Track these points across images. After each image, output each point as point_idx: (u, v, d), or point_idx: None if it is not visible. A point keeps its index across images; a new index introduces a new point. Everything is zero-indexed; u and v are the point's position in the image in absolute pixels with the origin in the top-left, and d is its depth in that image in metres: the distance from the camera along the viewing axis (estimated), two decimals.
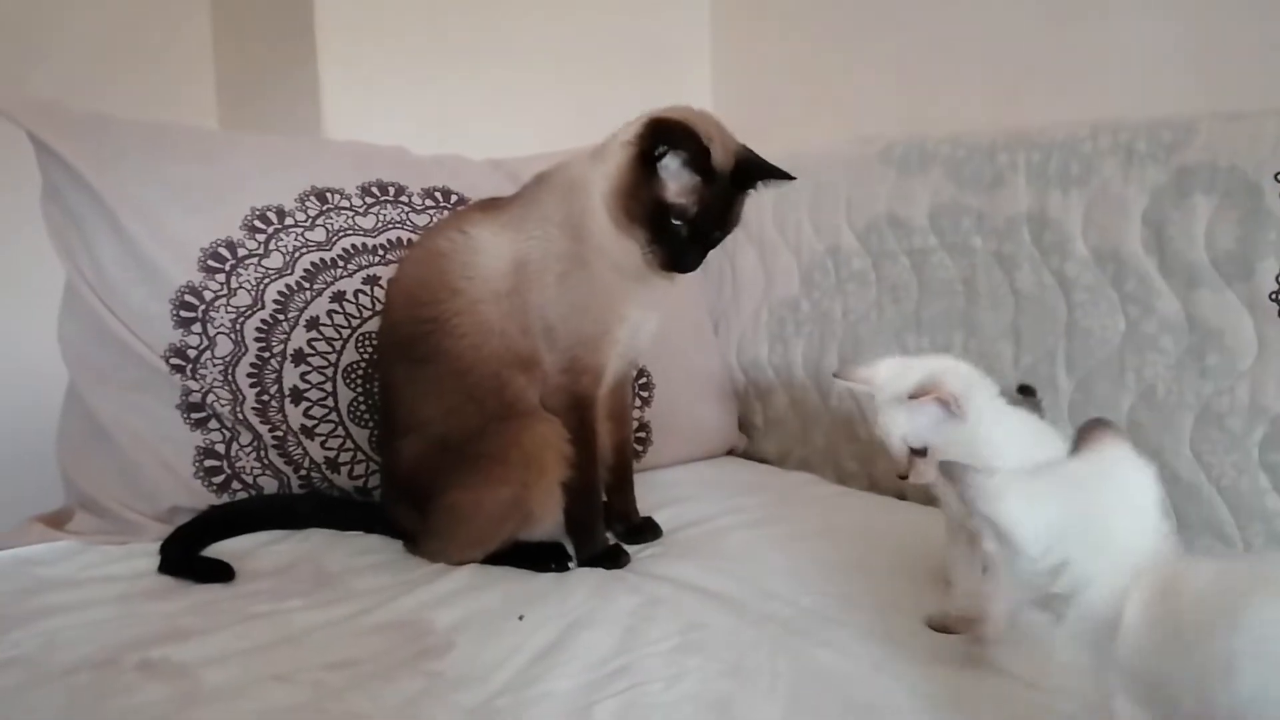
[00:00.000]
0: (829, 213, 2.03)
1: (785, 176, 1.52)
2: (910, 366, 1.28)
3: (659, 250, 1.49)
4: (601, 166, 1.52)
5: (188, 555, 1.54)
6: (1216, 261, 1.49)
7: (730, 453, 2.21)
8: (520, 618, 1.34)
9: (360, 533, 1.69)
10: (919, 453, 1.24)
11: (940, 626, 1.27)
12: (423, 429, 1.55)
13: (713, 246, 1.53)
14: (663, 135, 1.45)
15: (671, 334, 1.82)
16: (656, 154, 1.45)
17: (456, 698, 1.15)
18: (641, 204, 1.47)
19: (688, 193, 1.46)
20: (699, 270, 1.57)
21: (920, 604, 1.32)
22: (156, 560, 1.53)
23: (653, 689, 1.15)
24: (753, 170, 1.51)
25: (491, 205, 1.63)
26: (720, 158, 1.46)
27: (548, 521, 1.55)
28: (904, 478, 1.26)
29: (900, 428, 1.24)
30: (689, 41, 2.70)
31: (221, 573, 1.49)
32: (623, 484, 1.72)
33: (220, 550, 1.59)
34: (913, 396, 1.22)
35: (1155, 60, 1.80)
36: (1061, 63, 1.94)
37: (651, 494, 1.79)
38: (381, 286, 1.83)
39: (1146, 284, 1.56)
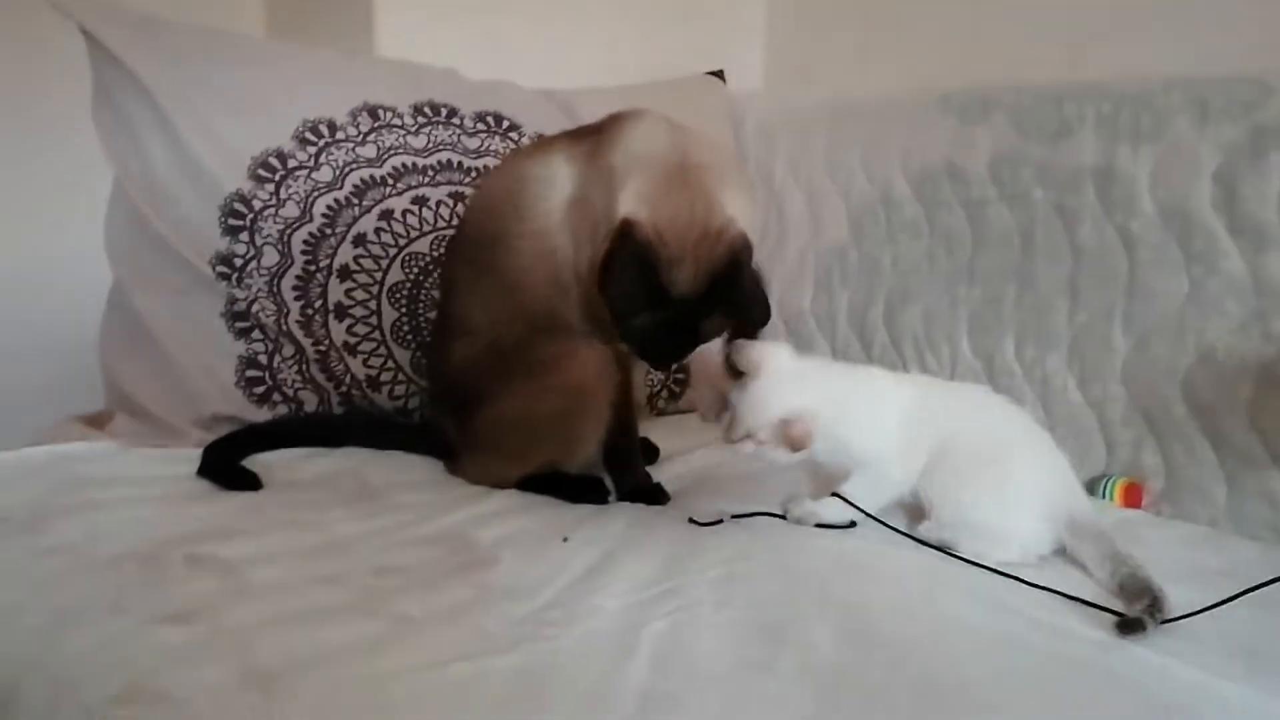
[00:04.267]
0: (883, 159, 2.00)
1: (758, 323, 1.41)
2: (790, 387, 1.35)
3: (634, 349, 1.42)
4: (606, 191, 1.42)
5: (226, 461, 1.52)
6: None
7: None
8: (565, 539, 1.33)
9: (400, 452, 1.68)
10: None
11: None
12: (476, 334, 1.53)
13: (694, 343, 1.41)
14: (615, 275, 1.34)
15: None
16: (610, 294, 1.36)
17: (505, 608, 1.13)
18: (601, 302, 1.38)
19: (648, 314, 1.37)
20: None
21: None
22: (196, 465, 1.52)
23: (702, 611, 1.13)
24: (727, 307, 1.38)
25: (575, 136, 1.55)
26: (684, 282, 1.35)
27: (589, 448, 1.52)
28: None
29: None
30: None
31: (251, 482, 1.48)
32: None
33: (260, 461, 1.57)
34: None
35: (1231, 15, 1.76)
36: (1131, 14, 1.90)
37: (686, 437, 1.77)
38: (429, 208, 1.83)
39: (1213, 243, 1.54)
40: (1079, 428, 1.68)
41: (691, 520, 1.39)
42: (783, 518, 1.39)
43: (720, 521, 1.39)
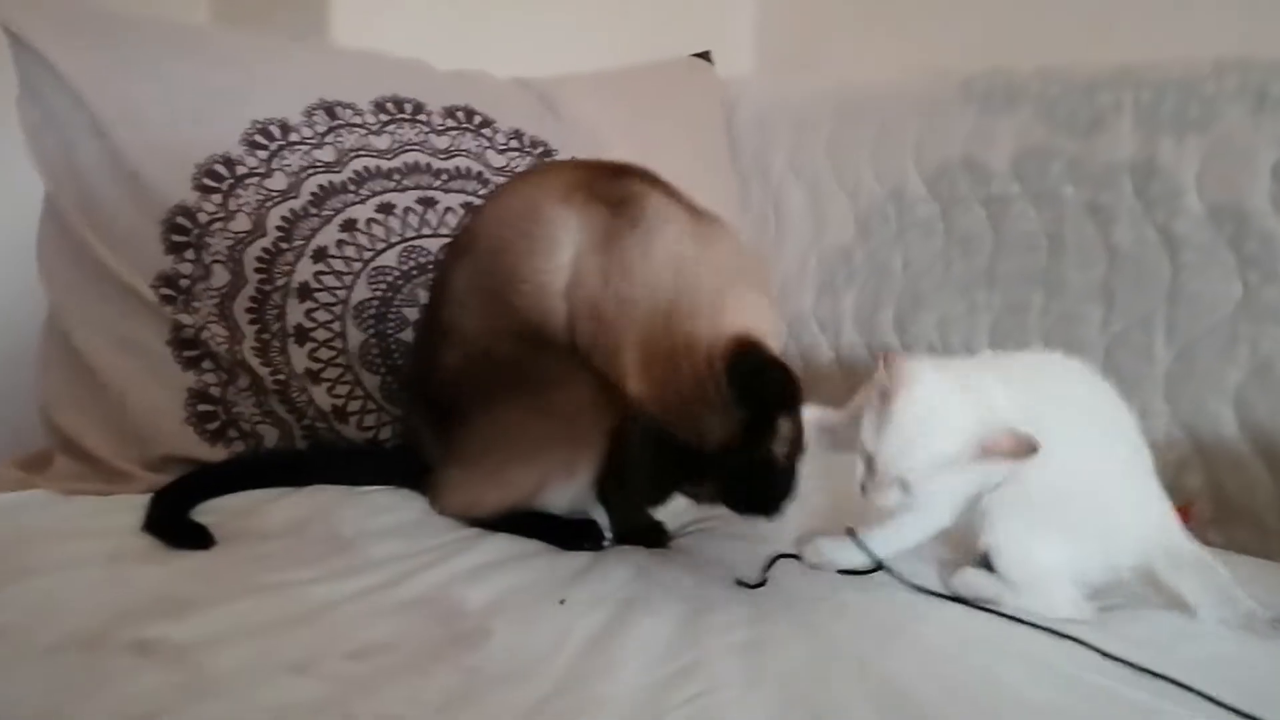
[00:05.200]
0: (893, 153, 1.86)
1: (791, 397, 1.23)
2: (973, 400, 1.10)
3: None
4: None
5: (174, 514, 1.36)
6: None
7: None
8: (561, 601, 1.18)
9: (372, 488, 1.52)
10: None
11: None
12: (468, 342, 1.38)
13: (790, 472, 1.26)
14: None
15: None
16: None
17: (502, 697, 0.98)
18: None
19: (700, 483, 1.29)
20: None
21: None
22: (143, 515, 1.35)
23: (730, 694, 1.00)
24: (767, 412, 1.21)
25: (592, 186, 1.37)
26: (712, 430, 1.22)
27: (584, 476, 1.37)
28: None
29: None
30: None
31: (200, 539, 1.31)
32: None
33: (217, 507, 1.41)
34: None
35: None
36: None
37: None
38: (397, 215, 1.68)
39: (1271, 246, 1.41)
40: None
41: (739, 583, 1.26)
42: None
43: (765, 583, 1.25)
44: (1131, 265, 1.55)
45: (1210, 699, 0.98)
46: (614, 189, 1.36)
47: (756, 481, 1.23)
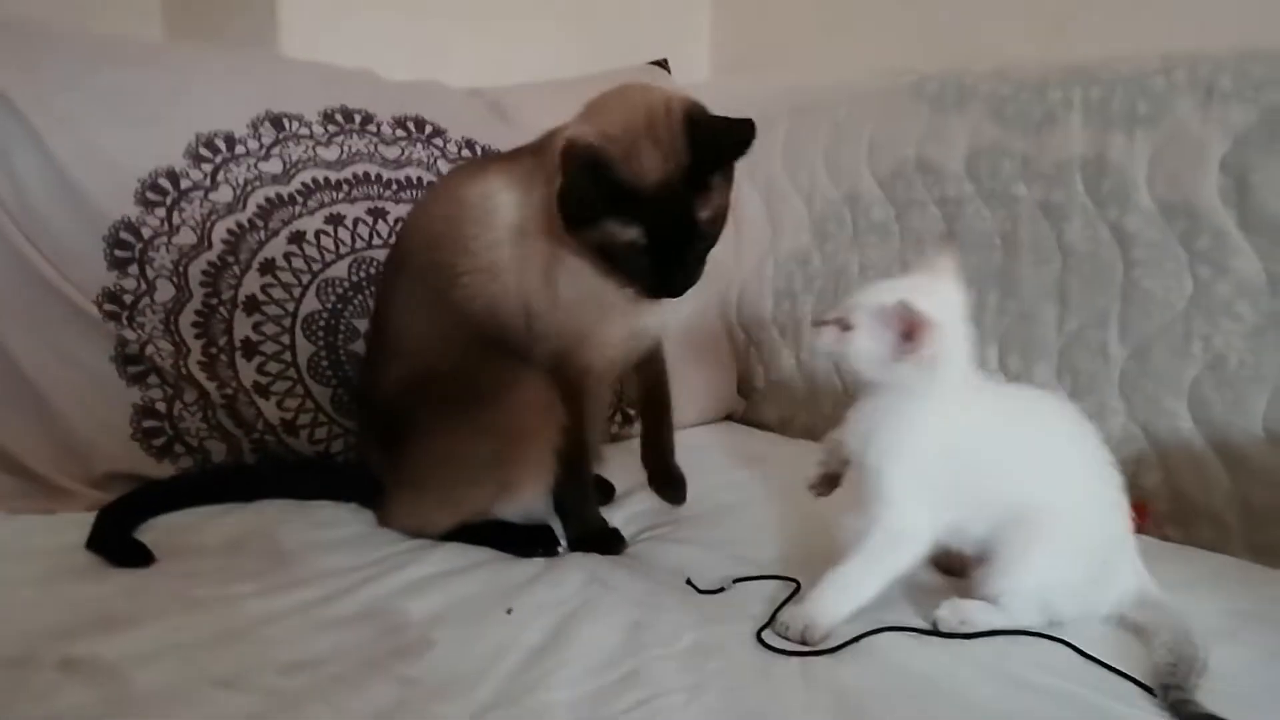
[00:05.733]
0: (848, 156, 1.84)
1: (745, 140, 1.26)
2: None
3: (636, 286, 1.28)
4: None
5: (118, 531, 1.34)
6: None
7: (728, 418, 2.03)
8: (509, 611, 1.16)
9: (322, 502, 1.50)
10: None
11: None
12: (412, 356, 1.37)
13: (705, 252, 1.29)
14: (571, 175, 1.23)
15: None
16: (569, 213, 1.25)
17: (439, 709, 0.97)
18: (591, 249, 1.26)
19: (626, 229, 1.24)
20: None
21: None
22: (87, 533, 1.33)
23: (672, 701, 0.98)
24: (711, 155, 1.25)
25: (512, 159, 1.42)
26: (654, 167, 1.23)
27: (533, 492, 1.37)
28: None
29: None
30: None
31: (141, 556, 1.29)
32: (655, 423, 1.52)
33: (161, 524, 1.39)
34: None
35: None
36: None
37: (644, 471, 1.61)
38: (346, 227, 1.66)
39: (1222, 241, 1.39)
40: None
41: (689, 583, 1.24)
42: (796, 583, 1.21)
43: (723, 590, 1.23)
44: (1085, 263, 1.53)
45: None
46: (523, 152, 1.40)
47: (672, 249, 1.25)
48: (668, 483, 1.50)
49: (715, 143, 1.25)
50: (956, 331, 1.09)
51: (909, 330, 1.04)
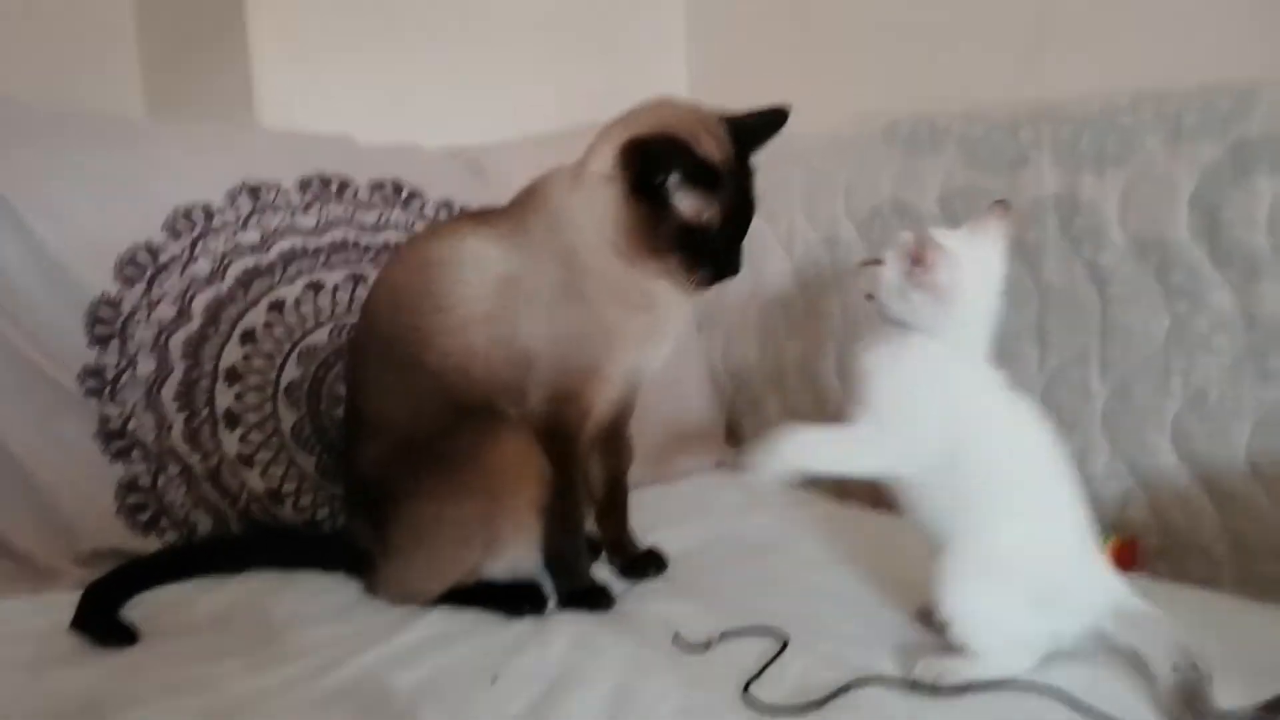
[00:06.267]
0: (825, 200, 1.84)
1: (779, 123, 1.35)
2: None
3: (700, 272, 1.32)
4: (585, 198, 1.32)
5: (103, 611, 1.33)
6: None
7: (718, 466, 2.02)
8: (494, 679, 1.15)
9: (310, 571, 1.49)
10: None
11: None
12: (391, 429, 1.37)
13: (745, 236, 1.35)
14: (650, 159, 1.26)
15: None
16: (656, 182, 1.27)
17: None
18: (664, 236, 1.29)
19: (706, 206, 1.28)
20: None
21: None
22: (73, 612, 1.32)
23: None
24: (751, 142, 1.34)
25: (485, 216, 1.43)
26: (717, 151, 1.29)
27: (520, 550, 1.36)
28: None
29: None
30: (662, 15, 2.48)
31: (126, 636, 1.29)
32: (617, 513, 1.53)
33: (148, 601, 1.38)
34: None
35: (1202, 18, 1.60)
36: (1089, 24, 1.74)
37: (633, 517, 1.60)
38: (326, 294, 1.67)
39: (1196, 275, 1.39)
40: None
41: (677, 638, 1.23)
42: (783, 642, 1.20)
43: (710, 645, 1.22)
44: (1063, 301, 1.53)
45: None
46: (495, 211, 1.42)
47: (738, 229, 1.32)
48: (638, 560, 1.50)
49: (753, 127, 1.33)
50: (975, 275, 1.14)
51: (919, 256, 1.10)
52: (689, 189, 1.27)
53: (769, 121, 1.35)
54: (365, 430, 1.41)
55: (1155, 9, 1.67)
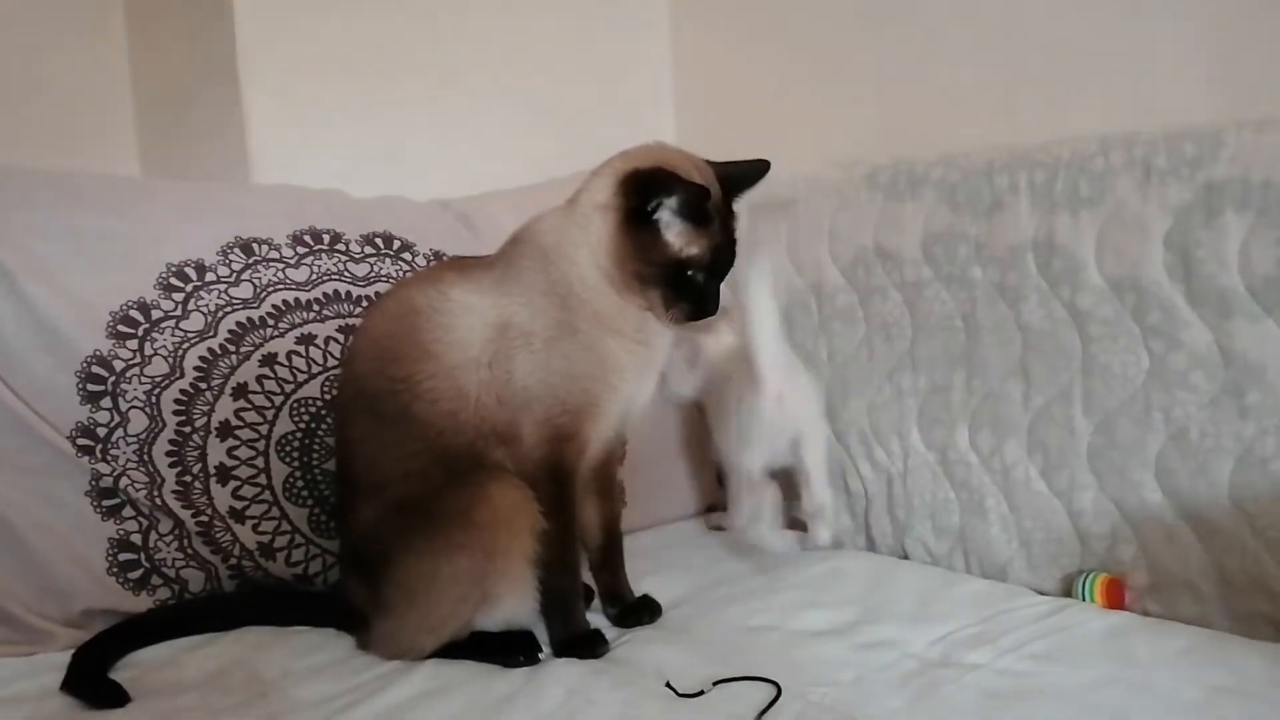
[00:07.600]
0: (809, 247, 1.86)
1: (761, 173, 1.44)
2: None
3: (682, 305, 1.37)
4: (578, 230, 1.37)
5: (94, 672, 1.33)
6: (1254, 288, 1.35)
7: (711, 510, 2.03)
8: None
9: (303, 628, 1.49)
10: None
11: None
12: (382, 490, 1.38)
13: (724, 277, 1.41)
14: (648, 188, 1.31)
15: None
16: (649, 209, 1.31)
17: None
18: (653, 265, 1.34)
19: (695, 239, 1.34)
20: None
21: None
22: (65, 673, 1.32)
23: None
24: (736, 188, 1.41)
25: (469, 265, 1.46)
26: (707, 189, 1.34)
27: (513, 602, 1.37)
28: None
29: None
30: (649, 68, 2.53)
31: (116, 697, 1.28)
32: (611, 561, 1.54)
33: (140, 660, 1.39)
34: None
35: (1168, 65, 1.64)
36: (1061, 71, 1.78)
37: (627, 563, 1.61)
38: (318, 346, 1.67)
39: (1172, 315, 1.41)
40: (1047, 521, 1.55)
41: (669, 686, 1.24)
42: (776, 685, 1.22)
43: (702, 693, 1.23)
44: (1044, 341, 1.54)
45: None
46: (479, 259, 1.46)
47: (720, 268, 1.39)
48: (632, 608, 1.51)
49: (737, 175, 1.41)
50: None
51: None
52: (680, 221, 1.32)
53: (752, 171, 1.41)
54: (356, 490, 1.42)
55: (1119, 56, 1.71)
